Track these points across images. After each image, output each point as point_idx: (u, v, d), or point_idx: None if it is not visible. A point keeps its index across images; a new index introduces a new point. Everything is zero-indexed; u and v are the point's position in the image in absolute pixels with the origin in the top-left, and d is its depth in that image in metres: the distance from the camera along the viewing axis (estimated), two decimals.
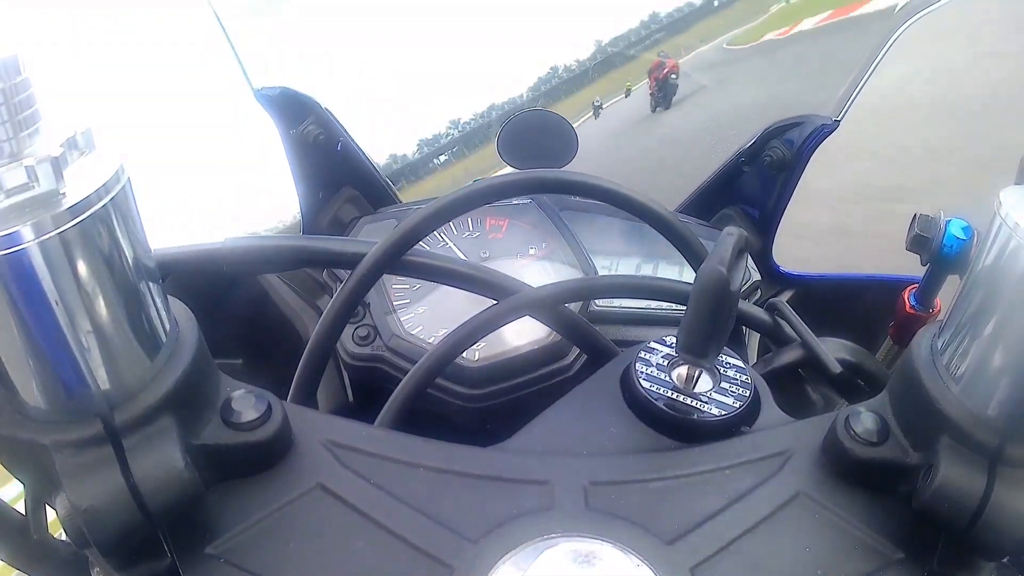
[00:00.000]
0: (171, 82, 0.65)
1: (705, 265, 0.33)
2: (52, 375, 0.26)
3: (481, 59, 0.74)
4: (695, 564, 0.30)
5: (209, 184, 0.71)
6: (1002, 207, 0.27)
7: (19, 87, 0.24)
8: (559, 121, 0.71)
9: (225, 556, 0.30)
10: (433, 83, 0.73)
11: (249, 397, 0.32)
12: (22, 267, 0.23)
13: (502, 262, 0.64)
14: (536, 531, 0.31)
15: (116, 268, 0.26)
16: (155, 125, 0.65)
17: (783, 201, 0.71)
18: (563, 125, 0.71)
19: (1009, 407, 0.29)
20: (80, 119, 0.26)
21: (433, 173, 0.75)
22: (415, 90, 0.73)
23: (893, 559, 0.32)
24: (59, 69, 0.30)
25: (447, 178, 0.76)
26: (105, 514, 0.27)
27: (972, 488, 0.29)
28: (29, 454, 0.27)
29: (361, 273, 0.44)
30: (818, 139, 0.67)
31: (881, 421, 0.33)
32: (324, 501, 0.32)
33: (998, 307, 0.28)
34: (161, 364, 0.29)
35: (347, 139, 0.72)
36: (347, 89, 0.71)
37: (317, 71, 0.70)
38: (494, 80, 0.74)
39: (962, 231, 0.49)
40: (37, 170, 0.23)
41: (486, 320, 0.45)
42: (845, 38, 0.78)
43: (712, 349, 0.35)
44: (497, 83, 0.74)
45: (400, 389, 0.45)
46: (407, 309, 0.60)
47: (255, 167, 0.71)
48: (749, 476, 0.34)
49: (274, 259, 0.46)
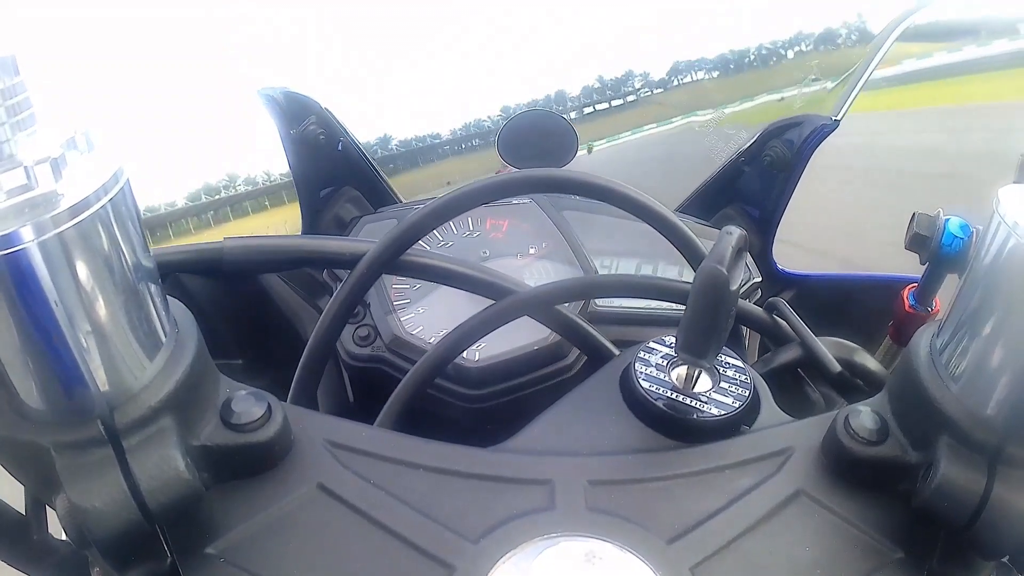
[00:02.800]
0: (171, 82, 0.65)
1: (704, 264, 0.33)
2: (52, 376, 0.26)
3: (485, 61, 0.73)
4: (695, 563, 0.30)
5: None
6: (1001, 205, 0.27)
7: (17, 88, 0.24)
8: (559, 121, 0.71)
9: (225, 556, 0.30)
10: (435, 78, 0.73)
11: (249, 398, 0.32)
12: (21, 268, 0.23)
13: (502, 262, 0.64)
14: (536, 531, 0.31)
15: (115, 268, 0.26)
16: (155, 125, 0.65)
17: (783, 201, 0.71)
18: (563, 125, 0.71)
19: (1008, 406, 0.29)
20: (79, 119, 0.26)
21: (428, 165, 0.75)
22: (415, 83, 0.73)
23: (893, 558, 0.32)
24: (58, 69, 0.30)
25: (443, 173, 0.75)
26: (105, 514, 0.27)
27: (971, 487, 0.29)
28: (29, 455, 0.27)
29: (359, 273, 0.44)
30: (818, 139, 0.67)
31: (880, 420, 0.33)
32: (324, 501, 0.32)
33: (997, 306, 0.28)
34: (161, 365, 0.29)
35: (348, 139, 0.72)
36: (345, 83, 0.71)
37: (316, 68, 0.70)
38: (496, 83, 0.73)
39: (961, 230, 0.49)
40: (36, 171, 0.23)
41: (484, 320, 0.45)
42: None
43: (711, 349, 0.35)
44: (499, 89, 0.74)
45: (399, 390, 0.45)
46: (407, 309, 0.60)
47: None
48: (749, 475, 0.34)
49: (274, 259, 0.46)
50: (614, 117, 0.75)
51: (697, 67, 0.74)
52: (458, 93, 0.73)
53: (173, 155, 0.66)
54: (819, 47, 0.73)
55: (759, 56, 0.74)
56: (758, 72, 0.74)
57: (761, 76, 0.73)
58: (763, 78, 0.73)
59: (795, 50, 0.73)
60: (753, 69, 0.74)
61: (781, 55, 0.73)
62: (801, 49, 0.73)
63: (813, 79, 0.71)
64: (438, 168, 0.75)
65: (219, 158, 0.68)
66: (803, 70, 0.72)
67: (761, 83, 0.73)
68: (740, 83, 0.73)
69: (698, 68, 0.74)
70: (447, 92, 0.73)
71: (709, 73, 0.73)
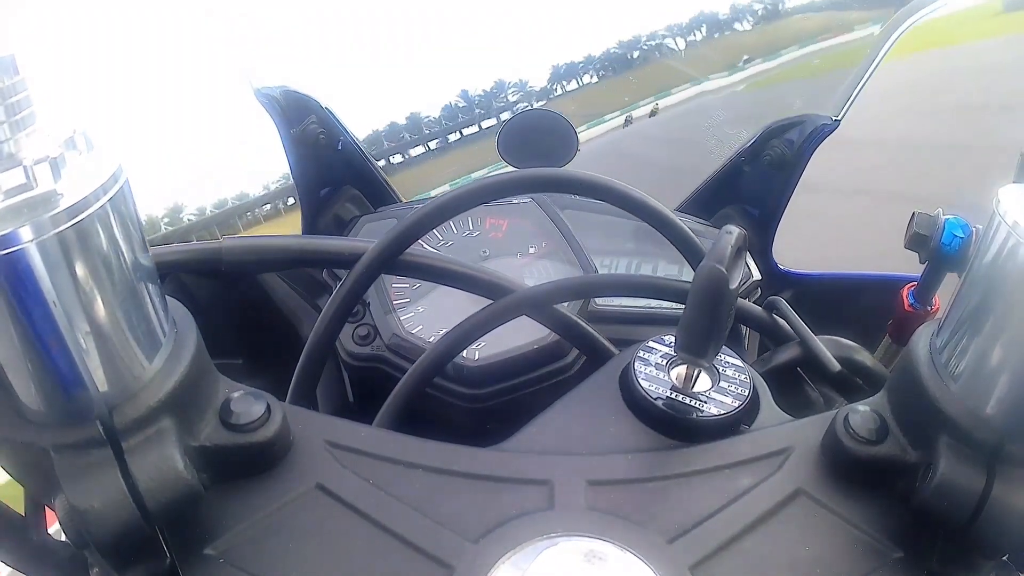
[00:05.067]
0: (171, 82, 0.65)
1: (704, 263, 0.33)
2: (50, 377, 0.26)
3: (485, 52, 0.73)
4: (695, 563, 0.30)
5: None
6: (1000, 205, 0.27)
7: (16, 87, 0.24)
8: (559, 120, 0.71)
9: (224, 556, 0.30)
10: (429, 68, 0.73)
11: (248, 398, 0.32)
12: (20, 268, 0.23)
13: (501, 261, 0.64)
14: (536, 531, 0.31)
15: (114, 269, 0.26)
16: (154, 126, 0.65)
17: (783, 200, 0.71)
18: (563, 124, 0.71)
19: (1008, 405, 0.29)
20: (79, 119, 0.26)
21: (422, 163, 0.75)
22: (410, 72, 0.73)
23: (892, 557, 0.32)
24: (57, 68, 0.30)
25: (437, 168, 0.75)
26: (104, 515, 0.27)
27: (971, 486, 0.29)
28: (28, 456, 0.27)
29: (359, 272, 0.44)
30: (818, 139, 0.67)
31: (880, 419, 0.33)
32: (323, 502, 0.32)
33: (997, 305, 0.28)
34: (160, 365, 0.29)
35: (348, 138, 0.72)
36: (341, 76, 0.71)
37: (314, 65, 0.70)
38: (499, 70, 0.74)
39: (961, 229, 0.49)
40: (35, 171, 0.23)
41: (483, 319, 0.45)
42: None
43: (711, 348, 0.35)
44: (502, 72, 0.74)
45: (398, 389, 0.45)
46: (407, 308, 0.60)
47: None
48: (748, 475, 0.34)
49: (273, 258, 0.46)
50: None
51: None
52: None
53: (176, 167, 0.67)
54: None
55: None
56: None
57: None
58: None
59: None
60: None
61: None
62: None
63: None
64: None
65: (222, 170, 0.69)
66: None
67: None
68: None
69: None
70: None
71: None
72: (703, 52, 0.79)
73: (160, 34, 0.64)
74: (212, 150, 0.69)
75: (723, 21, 0.79)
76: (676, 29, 0.78)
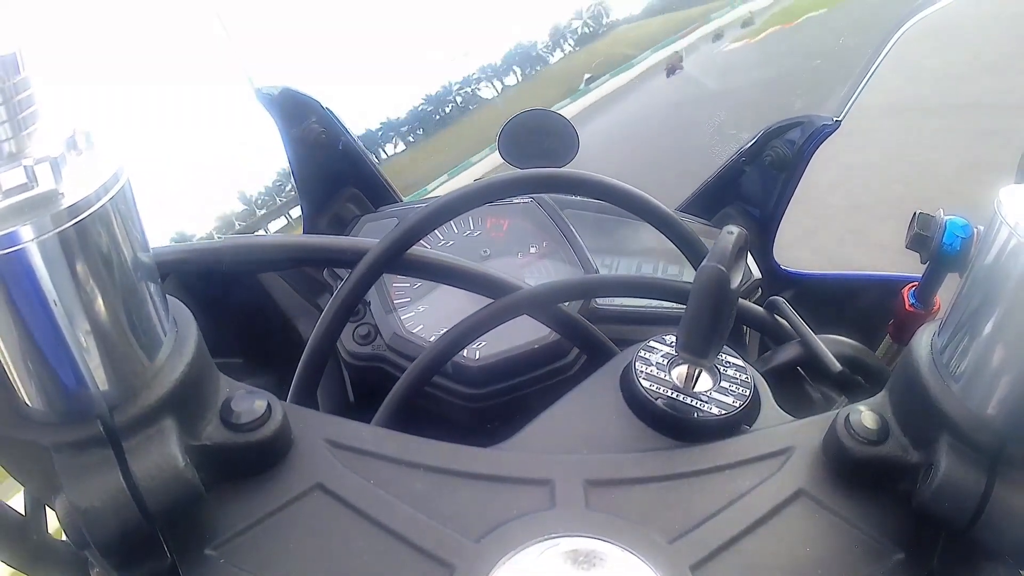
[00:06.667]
0: (172, 82, 0.65)
1: (705, 264, 0.33)
2: (51, 376, 0.26)
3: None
4: (695, 563, 0.30)
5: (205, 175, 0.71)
6: (1002, 205, 0.27)
7: (19, 86, 0.24)
8: (560, 121, 0.71)
9: (225, 556, 0.30)
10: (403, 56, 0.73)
11: (249, 397, 0.32)
12: (21, 267, 0.23)
13: (502, 261, 0.64)
14: (537, 531, 0.31)
15: (115, 268, 0.26)
16: (154, 127, 0.65)
17: (784, 200, 0.71)
18: (564, 124, 0.71)
19: (1009, 406, 0.29)
20: (80, 118, 0.26)
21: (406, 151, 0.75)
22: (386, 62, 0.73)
23: (894, 558, 0.32)
24: (57, 68, 0.30)
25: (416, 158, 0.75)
26: (105, 515, 0.27)
27: (972, 487, 0.29)
28: (29, 455, 0.27)
29: (360, 272, 0.44)
30: (819, 139, 0.67)
31: (881, 420, 0.33)
32: (324, 501, 0.32)
33: (998, 305, 0.28)
34: (160, 364, 0.29)
35: (348, 138, 0.72)
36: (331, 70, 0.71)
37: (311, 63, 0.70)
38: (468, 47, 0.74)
39: (962, 229, 0.49)
40: (36, 170, 0.23)
41: (483, 318, 0.45)
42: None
43: (712, 348, 0.35)
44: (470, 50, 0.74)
45: (398, 387, 0.45)
46: (408, 308, 0.60)
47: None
48: (749, 475, 0.34)
49: (274, 258, 0.46)
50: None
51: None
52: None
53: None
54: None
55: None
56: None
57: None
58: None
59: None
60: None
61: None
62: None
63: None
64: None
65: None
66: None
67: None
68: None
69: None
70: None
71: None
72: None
73: (161, 34, 0.64)
74: (211, 150, 0.69)
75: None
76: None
